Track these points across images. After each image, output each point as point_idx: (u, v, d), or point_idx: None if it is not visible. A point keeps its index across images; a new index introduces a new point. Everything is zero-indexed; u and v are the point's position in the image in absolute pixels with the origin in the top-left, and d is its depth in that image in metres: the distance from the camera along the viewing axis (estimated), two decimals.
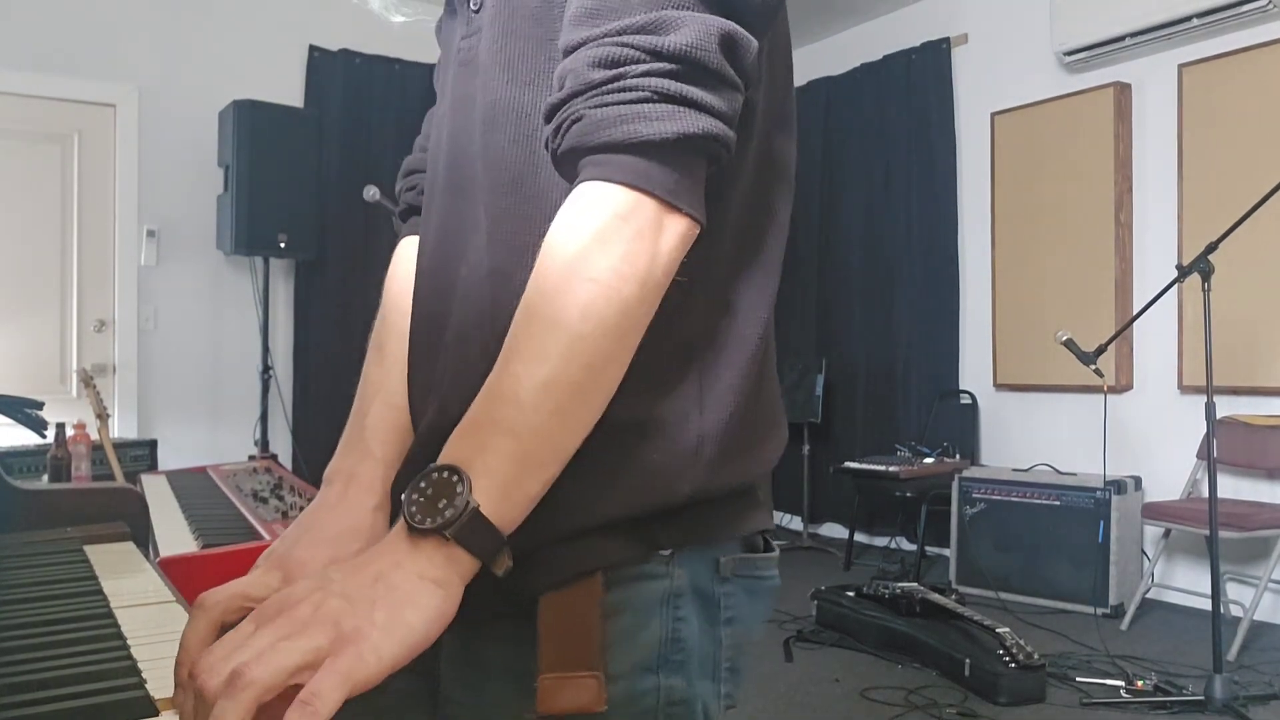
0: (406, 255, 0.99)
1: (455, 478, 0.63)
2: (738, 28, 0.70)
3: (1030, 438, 4.93)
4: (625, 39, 0.68)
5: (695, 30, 0.68)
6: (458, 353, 0.80)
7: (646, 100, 0.67)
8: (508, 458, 0.64)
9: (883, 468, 4.74)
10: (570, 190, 0.71)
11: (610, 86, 0.67)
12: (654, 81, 0.67)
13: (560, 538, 0.71)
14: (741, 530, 0.79)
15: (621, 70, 0.67)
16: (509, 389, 0.65)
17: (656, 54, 0.67)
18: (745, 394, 0.77)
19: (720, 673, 0.78)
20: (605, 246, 0.66)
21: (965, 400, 5.23)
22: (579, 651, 0.69)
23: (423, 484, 0.63)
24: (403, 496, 0.63)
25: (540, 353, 0.65)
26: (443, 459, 0.65)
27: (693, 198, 0.69)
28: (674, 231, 0.68)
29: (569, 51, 0.71)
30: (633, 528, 0.72)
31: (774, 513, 5.40)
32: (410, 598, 0.60)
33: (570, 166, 0.71)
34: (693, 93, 0.68)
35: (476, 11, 0.83)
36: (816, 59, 6.05)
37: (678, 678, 0.74)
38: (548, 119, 0.71)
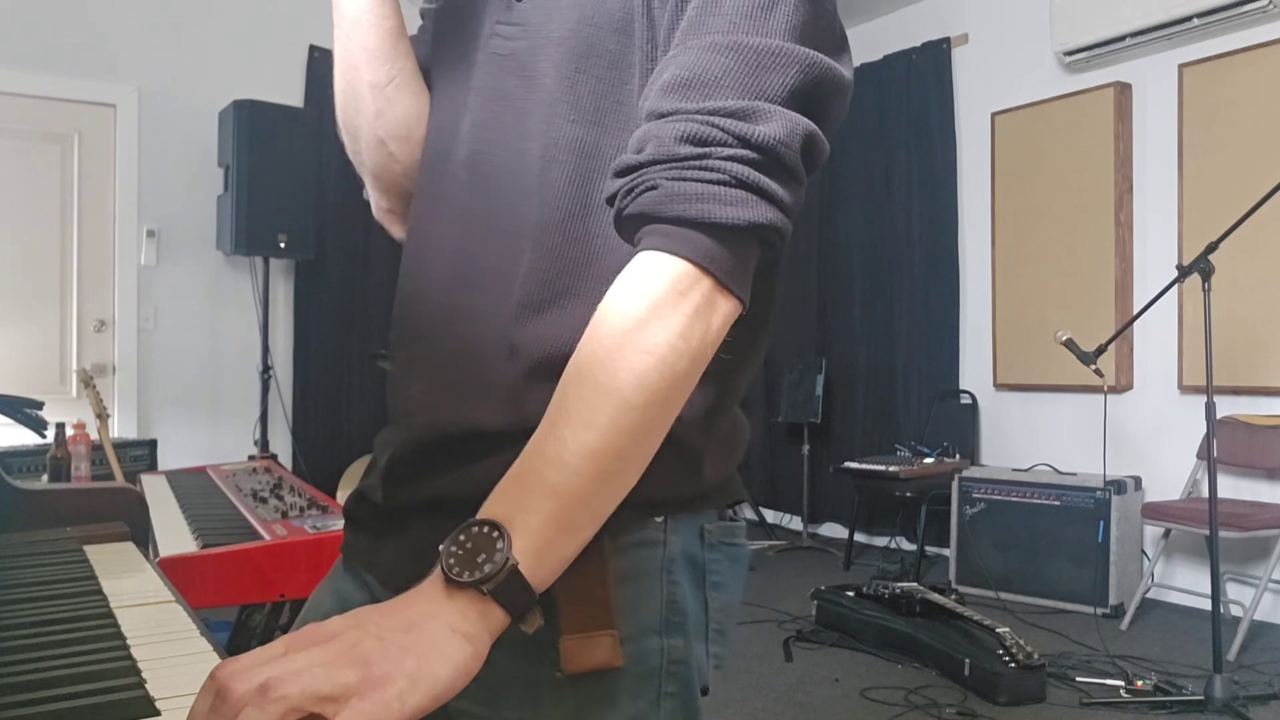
0: None
1: (496, 534, 0.64)
2: (819, 131, 0.72)
3: (1030, 438, 4.93)
4: (716, 120, 0.69)
5: (784, 126, 0.70)
6: (454, 373, 0.82)
7: (724, 184, 0.69)
8: (548, 519, 0.66)
9: (883, 468, 4.74)
10: (622, 247, 0.74)
11: (693, 163, 0.69)
12: (735, 167, 0.69)
13: None
14: (725, 500, 0.85)
15: (707, 150, 0.69)
16: (555, 451, 0.67)
17: (744, 141, 0.69)
18: (738, 410, 0.85)
19: (709, 634, 0.83)
20: (662, 320, 0.67)
21: (965, 400, 5.23)
22: (595, 613, 0.73)
23: (462, 537, 0.64)
24: (440, 547, 0.64)
25: (590, 419, 0.67)
26: (484, 513, 0.66)
27: (744, 282, 0.71)
28: (723, 312, 0.70)
29: (656, 117, 0.72)
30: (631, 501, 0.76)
31: (774, 512, 5.38)
32: (440, 650, 0.61)
33: (632, 229, 0.72)
34: (768, 184, 0.70)
35: (519, 1, 0.84)
36: None
37: (678, 638, 0.79)
38: (619, 175, 0.73)
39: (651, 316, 0.67)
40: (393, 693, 0.58)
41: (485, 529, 0.64)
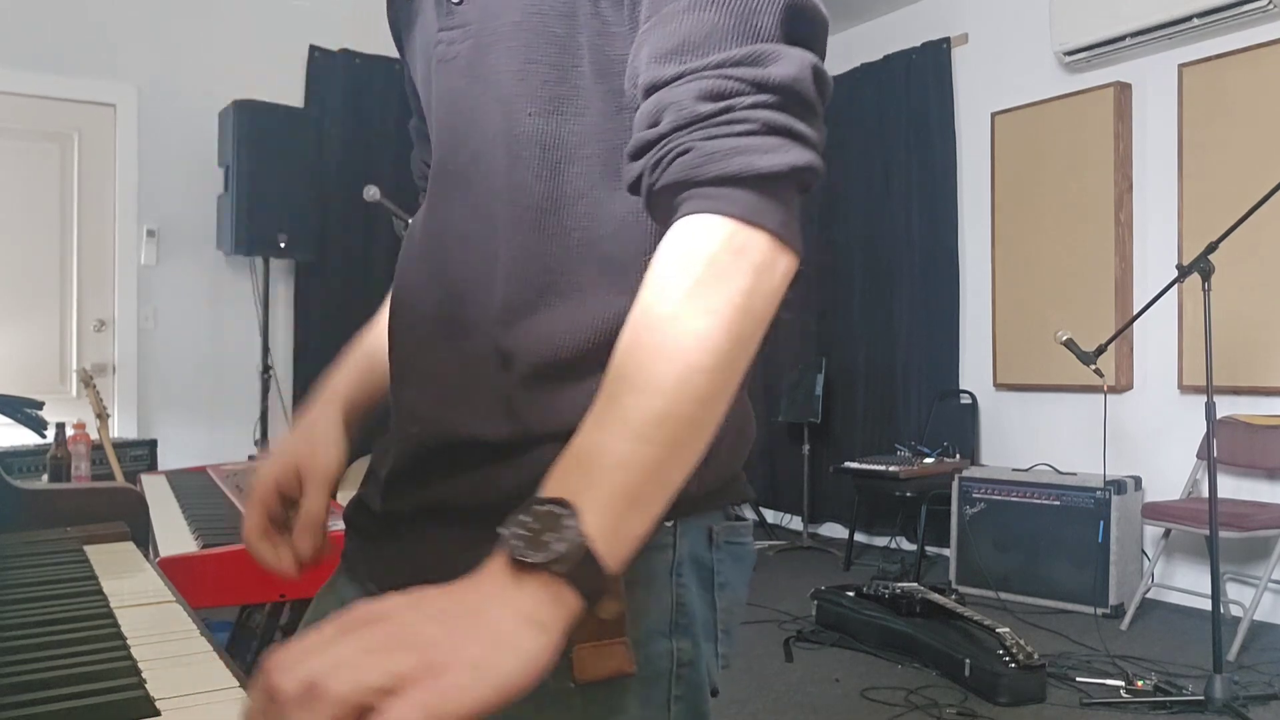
0: None
1: (564, 511, 0.60)
2: (819, 61, 0.71)
3: (1030, 437, 4.93)
4: (728, 71, 0.67)
5: (794, 63, 0.68)
6: (448, 383, 0.81)
7: (755, 133, 0.67)
8: (619, 493, 0.62)
9: (883, 468, 4.74)
10: (601, 236, 0.73)
11: (719, 119, 0.67)
12: (762, 114, 0.67)
13: None
14: (732, 498, 0.84)
15: (730, 102, 0.67)
16: (618, 421, 0.63)
17: (761, 86, 0.67)
18: (745, 396, 0.82)
19: (717, 634, 0.82)
20: (722, 280, 0.65)
21: (965, 400, 5.23)
22: (608, 620, 0.71)
23: (525, 517, 0.60)
24: (500, 529, 0.60)
25: (655, 384, 0.63)
26: (547, 493, 0.62)
27: (796, 232, 0.69)
28: (783, 268, 0.68)
29: (658, 86, 0.70)
30: None
31: (774, 512, 5.38)
32: (509, 639, 0.56)
33: (666, 203, 0.69)
34: (796, 125, 0.68)
35: (458, 4, 0.82)
36: None
37: (686, 640, 0.78)
38: (636, 155, 0.70)
39: (710, 277, 0.65)
40: (454, 683, 0.53)
41: (551, 506, 0.60)
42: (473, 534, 0.78)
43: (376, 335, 1.04)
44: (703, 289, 0.64)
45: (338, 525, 1.85)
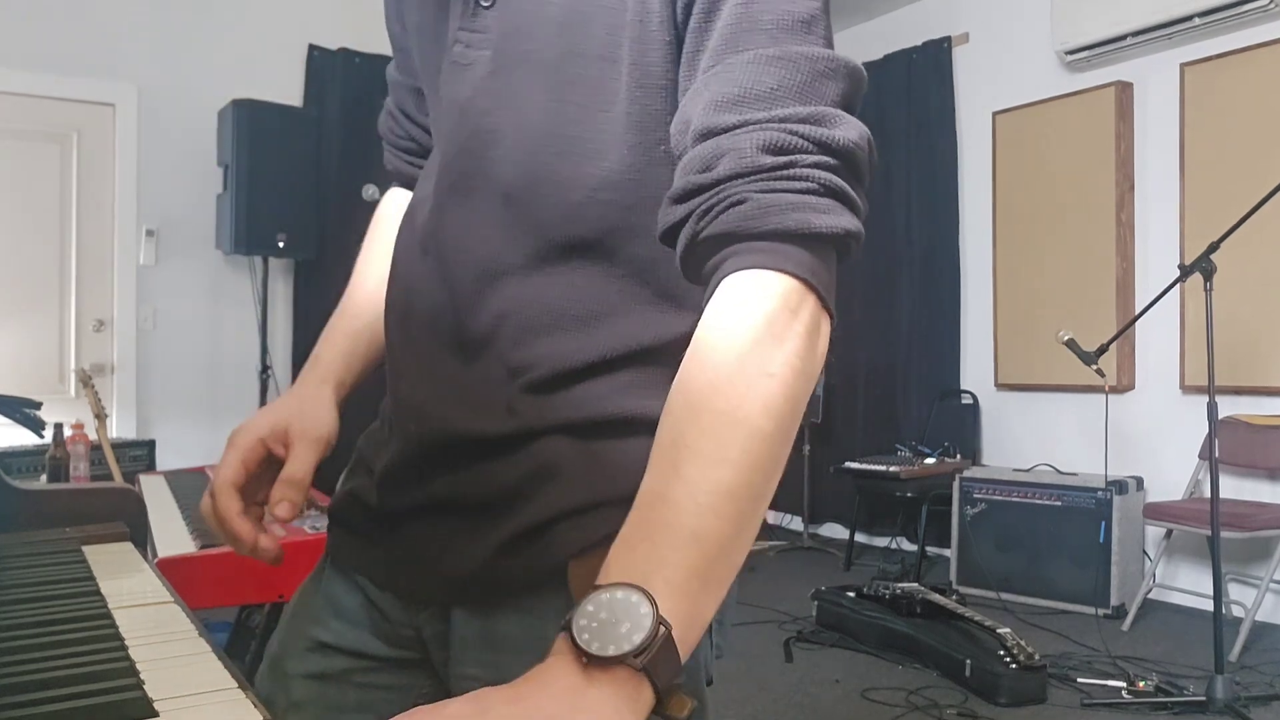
0: (399, 200, 1.03)
1: (636, 597, 0.55)
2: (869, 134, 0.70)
3: (1031, 438, 4.92)
4: (793, 127, 0.66)
5: (856, 130, 0.68)
6: (449, 387, 0.80)
7: (814, 193, 0.65)
8: (691, 573, 0.58)
9: (883, 468, 4.74)
10: (605, 285, 0.73)
11: (781, 173, 0.65)
12: (822, 175, 0.66)
13: (577, 510, 0.74)
14: None
15: (792, 159, 0.65)
16: (685, 495, 0.59)
17: (824, 147, 0.66)
18: None
19: (712, 624, 0.80)
20: (780, 341, 0.63)
21: (966, 400, 5.22)
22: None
23: (591, 607, 0.55)
24: (565, 622, 0.55)
25: (721, 454, 0.60)
26: (611, 576, 0.58)
27: (834, 298, 0.67)
28: (826, 332, 0.66)
29: (716, 133, 0.68)
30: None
31: (774, 512, 5.38)
32: None
33: (710, 251, 0.67)
34: (850, 191, 0.67)
35: (487, 7, 0.80)
36: None
37: None
38: (684, 198, 0.68)
39: (769, 337, 0.62)
40: None
41: (621, 593, 0.55)
42: (470, 526, 0.78)
43: (360, 316, 1.03)
44: (763, 349, 0.62)
45: (320, 527, 1.84)
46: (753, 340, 0.62)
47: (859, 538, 5.37)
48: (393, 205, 1.06)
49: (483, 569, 0.77)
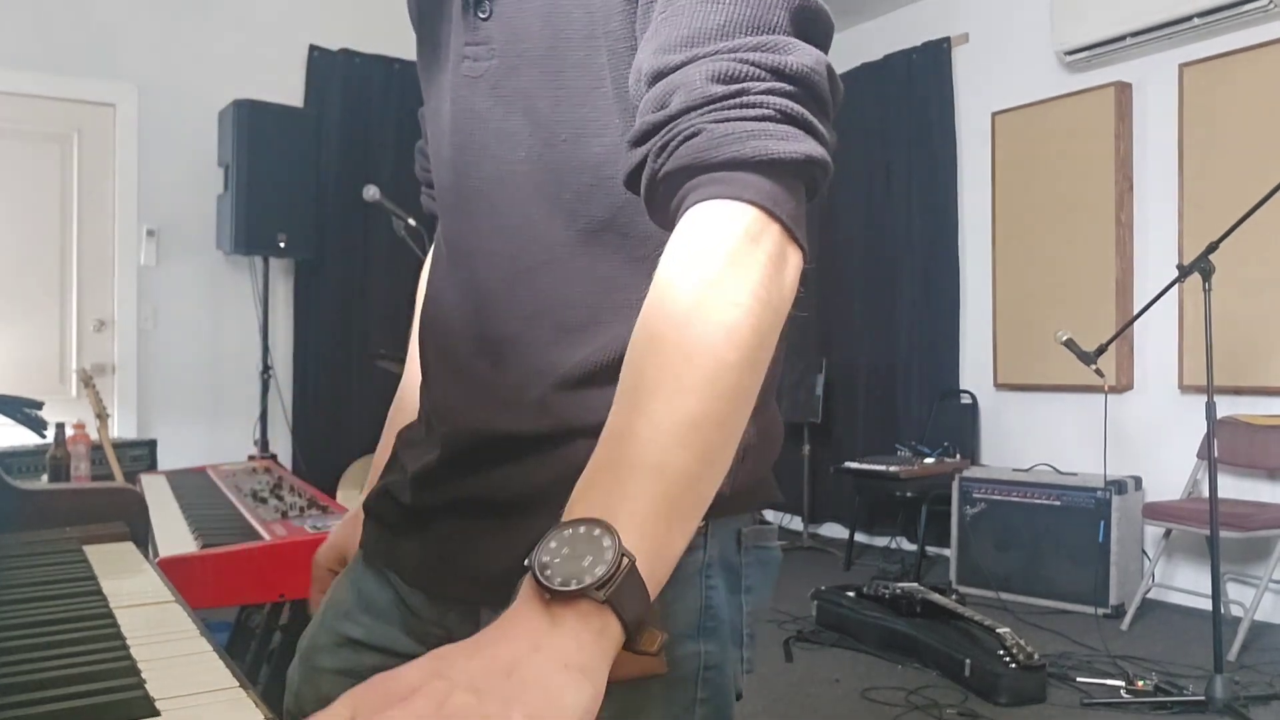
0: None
1: (599, 530, 0.54)
2: (829, 62, 0.69)
3: (1031, 438, 4.93)
4: (743, 55, 0.65)
5: (809, 55, 0.66)
6: (484, 387, 0.81)
7: (770, 119, 0.64)
8: (656, 506, 0.57)
9: (883, 468, 4.74)
10: (647, 255, 0.72)
11: (733, 101, 0.64)
12: (777, 100, 0.64)
13: None
14: (761, 503, 0.83)
15: (744, 85, 0.64)
16: (648, 427, 0.58)
17: (778, 73, 0.65)
18: (773, 402, 0.82)
19: (742, 639, 0.80)
20: (742, 270, 0.61)
21: (965, 400, 5.23)
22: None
23: (554, 543, 0.54)
24: (527, 561, 0.54)
25: (684, 384, 0.59)
26: (574, 514, 0.57)
27: (803, 229, 0.66)
28: (794, 263, 0.65)
29: (666, 72, 0.67)
30: None
31: (774, 512, 5.38)
32: (553, 695, 0.50)
33: (672, 189, 0.66)
34: (809, 117, 0.66)
35: (485, 19, 0.80)
36: None
37: (713, 644, 0.77)
38: (642, 140, 0.67)
39: (729, 267, 0.61)
40: None
41: (584, 528, 0.54)
42: (501, 525, 0.78)
43: (410, 411, 1.01)
44: (724, 280, 0.61)
45: (320, 527, 1.85)
46: (713, 271, 0.61)
47: (859, 537, 5.38)
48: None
49: (514, 569, 0.76)
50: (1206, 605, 3.52)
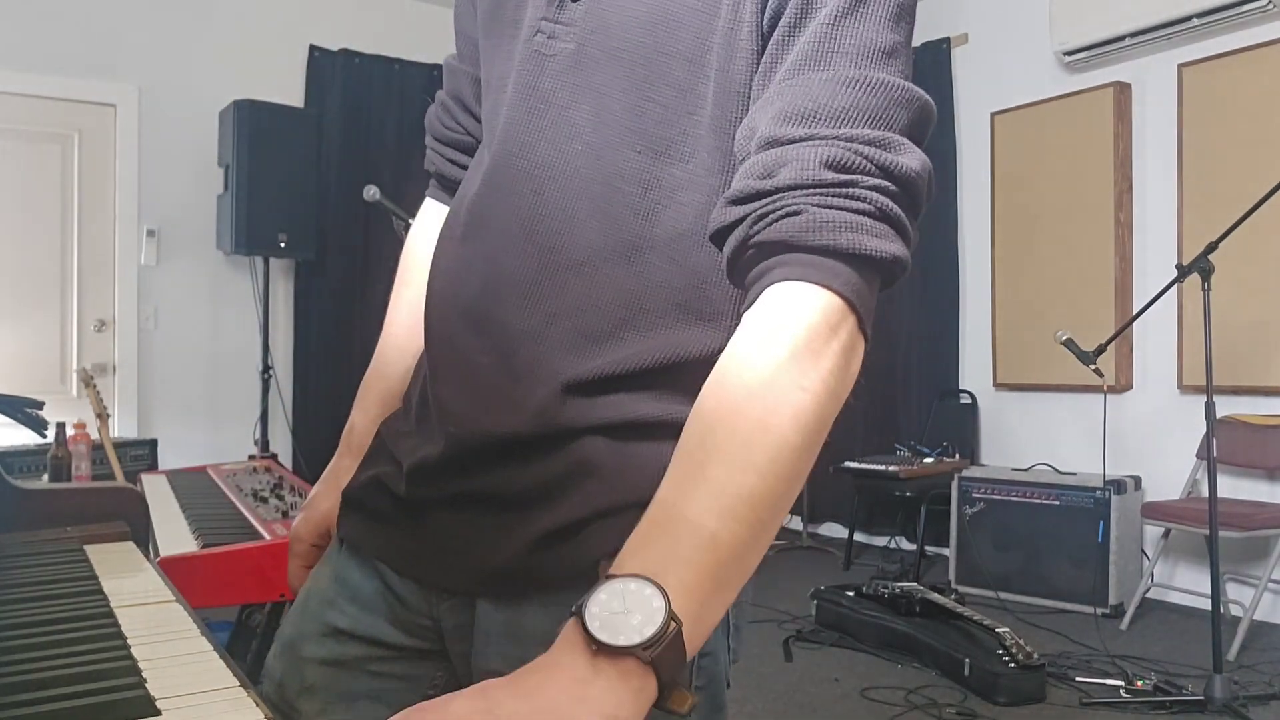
0: (431, 222, 1.01)
1: (649, 590, 0.55)
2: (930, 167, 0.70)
3: (1030, 437, 4.93)
4: (859, 148, 0.66)
5: (919, 160, 0.68)
6: (486, 385, 0.80)
7: (870, 214, 0.66)
8: (705, 574, 0.58)
9: (882, 467, 4.74)
10: (672, 285, 0.72)
11: (840, 191, 0.66)
12: (880, 199, 0.66)
13: (612, 510, 0.74)
14: None
15: (854, 178, 0.66)
16: (706, 498, 0.60)
17: (887, 172, 0.66)
18: None
19: (730, 629, 0.82)
20: (817, 356, 0.63)
21: (965, 400, 5.23)
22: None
23: (604, 596, 0.55)
24: (576, 608, 0.56)
25: (748, 459, 0.61)
26: (627, 567, 0.58)
27: (871, 322, 0.68)
28: (860, 354, 0.67)
29: (780, 142, 0.68)
30: None
31: None
32: None
33: (759, 258, 0.68)
34: (905, 220, 0.67)
35: (576, 0, 0.80)
36: None
37: None
38: (742, 201, 0.68)
39: (806, 351, 0.63)
40: None
41: (634, 584, 0.55)
42: (504, 519, 0.78)
43: (391, 375, 1.02)
44: (799, 363, 0.63)
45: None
46: (790, 353, 0.63)
47: (858, 537, 5.37)
48: (423, 235, 1.04)
49: (515, 562, 0.77)
50: (1206, 605, 3.53)
